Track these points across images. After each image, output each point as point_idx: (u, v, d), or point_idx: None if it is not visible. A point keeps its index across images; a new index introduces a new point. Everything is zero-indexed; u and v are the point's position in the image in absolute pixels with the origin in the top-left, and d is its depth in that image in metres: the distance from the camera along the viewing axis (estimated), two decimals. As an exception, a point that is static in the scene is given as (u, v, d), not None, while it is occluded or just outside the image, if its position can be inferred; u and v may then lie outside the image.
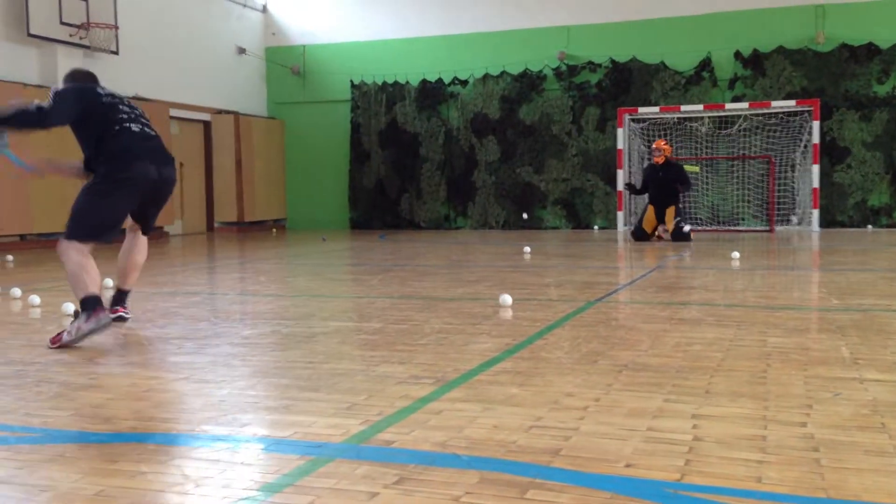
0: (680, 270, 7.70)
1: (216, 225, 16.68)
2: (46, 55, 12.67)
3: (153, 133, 4.81)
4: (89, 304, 4.17)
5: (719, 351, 3.74)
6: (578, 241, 12.27)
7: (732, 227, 14.65)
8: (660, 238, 11.88)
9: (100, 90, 4.79)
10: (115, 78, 13.90)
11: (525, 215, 16.07)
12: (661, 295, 5.87)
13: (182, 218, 15.88)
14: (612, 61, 15.68)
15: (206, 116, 16.37)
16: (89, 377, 3.42)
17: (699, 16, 15.31)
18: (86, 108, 4.60)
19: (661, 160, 12.02)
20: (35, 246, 11.69)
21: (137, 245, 5.01)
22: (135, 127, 4.71)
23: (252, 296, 6.29)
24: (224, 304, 5.87)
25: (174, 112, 15.25)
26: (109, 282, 6.22)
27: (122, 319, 4.95)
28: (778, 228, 14.11)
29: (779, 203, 14.66)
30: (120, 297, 5.02)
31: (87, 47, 12.97)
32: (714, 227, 14.69)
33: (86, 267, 4.33)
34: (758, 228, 14.38)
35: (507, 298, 5.24)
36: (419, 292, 6.18)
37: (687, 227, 11.59)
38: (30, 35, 12.11)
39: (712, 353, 3.68)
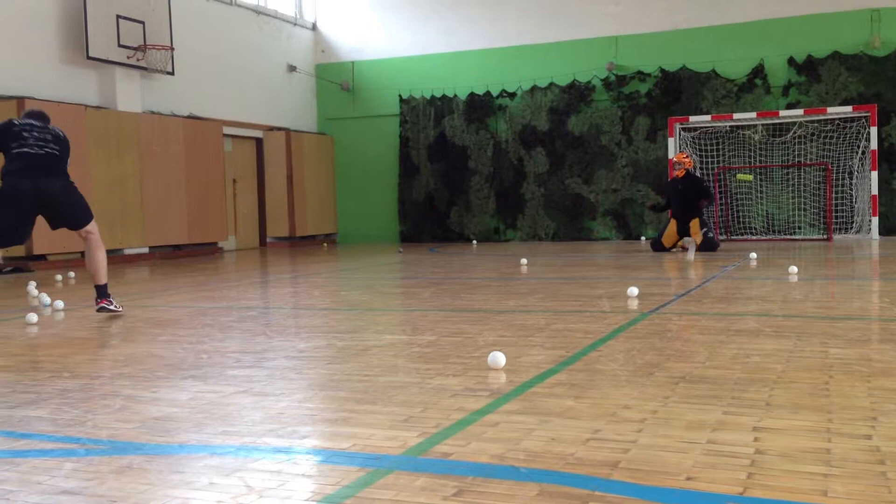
0: (735, 281, 7.58)
1: (268, 240, 16.93)
2: (105, 77, 13.04)
3: (48, 152, 5.73)
4: None
5: (779, 362, 3.68)
6: (629, 253, 12.16)
7: (788, 237, 14.38)
8: (685, 248, 11.75)
9: (18, 121, 5.81)
10: (171, 98, 14.29)
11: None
12: (716, 306, 5.79)
13: (235, 233, 16.16)
14: (662, 70, 15.55)
15: (258, 133, 16.66)
16: (152, 390, 3.50)
17: (750, 22, 15.11)
18: (2, 137, 5.72)
19: (681, 173, 11.84)
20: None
21: (89, 248, 6.04)
22: (29, 149, 5.65)
23: (306, 310, 6.37)
24: (279, 318, 5.96)
25: (227, 130, 15.55)
26: None
27: (104, 310, 5.97)
28: (836, 237, 13.81)
29: (836, 211, 14.36)
30: (98, 291, 6.01)
31: (144, 69, 13.32)
32: (769, 237, 14.44)
33: None
34: (815, 237, 14.09)
35: (498, 358, 3.74)
36: (471, 305, 6.20)
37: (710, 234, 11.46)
38: (89, 58, 12.47)
39: (772, 365, 3.62)
